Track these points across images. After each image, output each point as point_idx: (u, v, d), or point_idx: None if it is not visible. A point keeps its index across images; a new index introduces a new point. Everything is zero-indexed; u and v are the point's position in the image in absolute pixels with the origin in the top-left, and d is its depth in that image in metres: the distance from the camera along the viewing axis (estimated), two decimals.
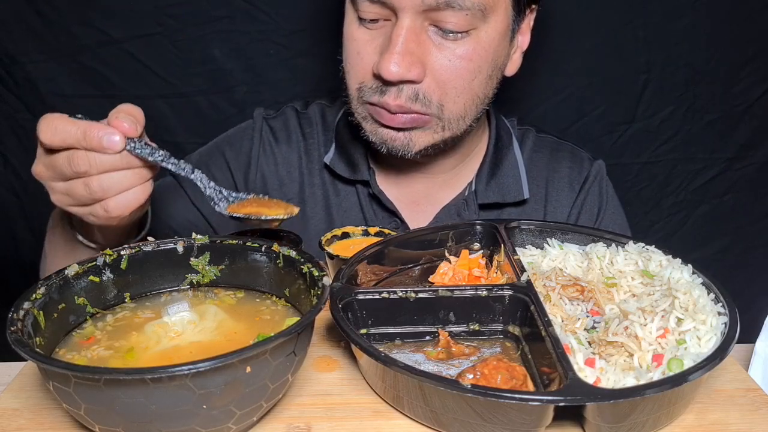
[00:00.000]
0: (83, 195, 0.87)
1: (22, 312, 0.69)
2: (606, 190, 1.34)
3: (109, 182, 0.86)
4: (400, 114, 1.10)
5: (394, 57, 1.04)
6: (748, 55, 1.57)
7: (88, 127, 0.85)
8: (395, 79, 1.05)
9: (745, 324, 0.81)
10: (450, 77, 1.08)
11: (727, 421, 0.74)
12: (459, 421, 0.68)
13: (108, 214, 0.88)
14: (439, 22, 1.05)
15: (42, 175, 0.91)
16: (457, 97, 1.10)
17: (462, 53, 1.07)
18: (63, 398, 0.64)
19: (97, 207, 0.88)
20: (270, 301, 0.83)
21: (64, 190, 0.89)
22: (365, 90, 1.11)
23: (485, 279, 0.94)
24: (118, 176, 0.87)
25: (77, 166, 0.85)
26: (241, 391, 0.64)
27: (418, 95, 1.08)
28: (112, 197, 0.87)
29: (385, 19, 1.07)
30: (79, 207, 0.90)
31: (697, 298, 0.82)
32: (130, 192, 0.88)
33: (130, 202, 0.88)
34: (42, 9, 1.45)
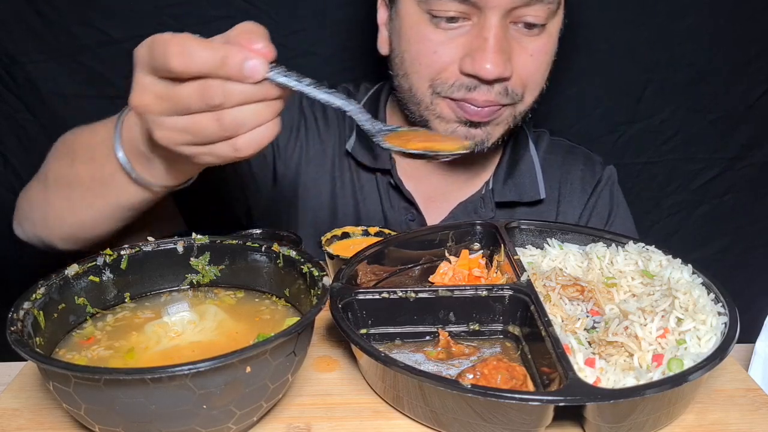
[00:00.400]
0: (212, 132, 0.74)
1: (22, 312, 0.69)
2: (616, 195, 1.35)
3: (243, 116, 0.74)
4: (487, 108, 1.11)
5: (490, 56, 1.05)
6: (749, 55, 1.57)
7: (228, 51, 0.73)
8: (493, 77, 1.07)
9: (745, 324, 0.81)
10: (532, 71, 1.12)
11: (727, 421, 0.74)
12: (459, 421, 0.68)
13: (236, 153, 0.76)
14: (521, 17, 1.07)
15: (150, 107, 0.77)
16: (534, 90, 1.15)
17: (540, 47, 1.11)
18: (63, 398, 0.64)
19: (224, 145, 0.76)
20: (270, 301, 0.83)
21: (183, 127, 0.75)
22: (444, 86, 1.11)
23: (485, 279, 0.94)
24: (252, 109, 0.74)
25: (211, 98, 0.72)
26: (241, 391, 0.64)
27: (507, 91, 1.11)
28: (243, 134, 0.75)
29: (465, 18, 1.08)
30: (196, 146, 0.77)
31: (697, 298, 0.82)
32: (262, 128, 0.75)
33: (262, 139, 0.76)
34: (42, 9, 1.45)
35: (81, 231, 1.00)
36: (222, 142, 0.75)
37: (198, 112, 0.74)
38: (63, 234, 1.02)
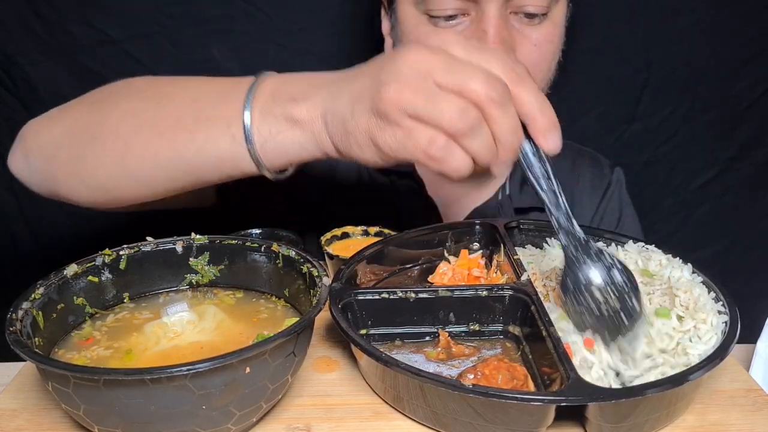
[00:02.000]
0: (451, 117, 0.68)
1: (21, 312, 0.69)
2: (625, 198, 1.35)
3: (482, 133, 0.70)
4: None
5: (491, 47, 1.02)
6: (748, 54, 1.56)
7: (544, 103, 0.73)
8: None
9: (746, 324, 0.81)
10: (537, 61, 1.09)
11: (728, 422, 0.74)
12: (460, 422, 0.68)
13: (441, 158, 0.70)
14: (521, 7, 1.05)
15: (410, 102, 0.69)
16: (541, 81, 1.12)
17: (544, 36, 1.09)
18: (62, 399, 0.64)
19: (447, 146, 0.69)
20: (269, 302, 0.83)
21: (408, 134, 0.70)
22: None
23: (485, 279, 0.94)
24: (489, 138, 0.71)
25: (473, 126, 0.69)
26: (241, 392, 0.64)
27: None
28: (460, 146, 0.70)
29: (463, 14, 1.07)
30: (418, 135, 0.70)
31: (697, 297, 0.82)
32: (469, 160, 0.71)
33: (459, 169, 0.71)
34: (41, 9, 1.45)
35: (119, 183, 0.91)
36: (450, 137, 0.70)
37: (441, 128, 0.69)
38: (93, 181, 0.92)
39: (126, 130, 0.88)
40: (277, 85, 0.82)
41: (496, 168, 0.73)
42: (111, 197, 0.94)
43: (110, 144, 0.89)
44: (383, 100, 0.70)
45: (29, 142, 1.00)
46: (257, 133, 0.80)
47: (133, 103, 0.91)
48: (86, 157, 0.91)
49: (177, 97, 0.88)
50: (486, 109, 0.69)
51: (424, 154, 0.70)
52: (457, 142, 0.70)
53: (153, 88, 0.92)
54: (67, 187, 0.95)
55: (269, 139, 0.80)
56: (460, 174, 0.71)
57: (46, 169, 0.97)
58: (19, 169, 1.02)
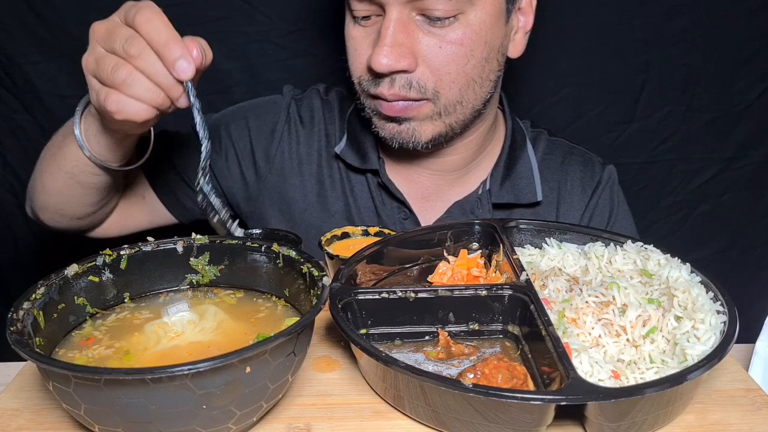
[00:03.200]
0: (105, 71, 0.86)
1: (21, 312, 0.69)
2: (617, 195, 1.35)
3: (135, 81, 0.86)
4: (395, 102, 1.12)
5: (383, 50, 1.06)
6: (746, 54, 1.57)
7: (178, 41, 0.86)
8: (385, 70, 1.08)
9: (745, 324, 0.81)
10: (443, 63, 1.10)
11: (727, 422, 0.74)
12: (460, 421, 0.68)
13: (110, 106, 0.87)
14: (426, 10, 1.06)
15: (96, 32, 0.91)
16: (452, 83, 1.11)
17: (452, 38, 1.09)
18: (63, 398, 0.64)
19: (111, 93, 0.86)
20: (270, 301, 0.83)
21: (98, 57, 0.88)
22: (364, 83, 1.14)
23: (484, 279, 0.94)
24: (146, 83, 0.86)
25: (129, 46, 0.85)
26: (241, 392, 0.64)
27: (411, 83, 1.10)
28: (126, 95, 0.86)
29: (377, 15, 1.10)
30: (95, 81, 0.89)
31: (696, 297, 0.82)
32: (141, 104, 0.87)
33: (134, 112, 0.87)
34: (41, 10, 1.45)
35: (54, 204, 1.15)
36: (111, 89, 0.86)
37: (114, 52, 0.86)
38: (47, 208, 1.17)
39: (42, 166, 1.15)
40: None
41: (176, 102, 0.90)
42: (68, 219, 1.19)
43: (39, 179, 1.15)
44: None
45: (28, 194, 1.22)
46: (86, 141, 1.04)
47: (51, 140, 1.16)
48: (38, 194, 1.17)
49: (57, 134, 1.14)
50: (132, 62, 0.86)
51: (103, 109, 0.89)
52: (122, 92, 0.86)
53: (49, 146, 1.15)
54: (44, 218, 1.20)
55: (91, 139, 1.03)
56: (143, 117, 0.87)
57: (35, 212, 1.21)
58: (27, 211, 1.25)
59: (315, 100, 1.34)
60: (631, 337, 0.78)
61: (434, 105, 1.13)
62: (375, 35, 1.10)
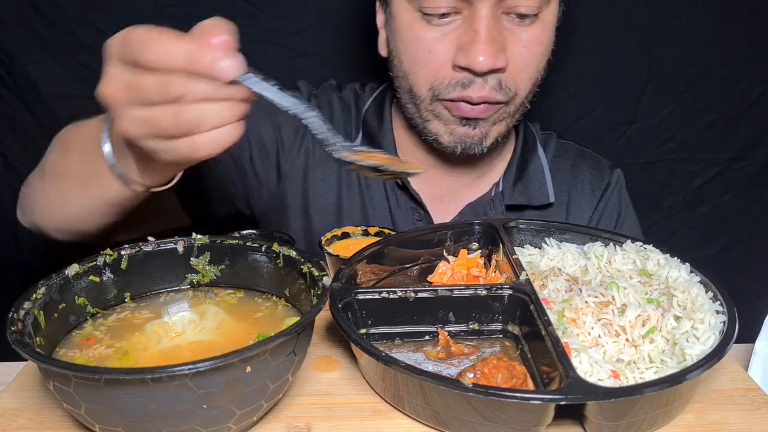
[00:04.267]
0: (169, 126, 0.71)
1: (22, 312, 0.69)
2: (624, 199, 1.35)
3: (203, 114, 0.71)
4: (482, 104, 1.10)
5: (481, 47, 1.04)
6: (748, 55, 1.57)
7: (199, 47, 0.73)
8: (486, 69, 1.06)
9: (745, 324, 0.81)
10: (526, 63, 1.10)
11: (726, 421, 0.74)
12: (460, 420, 0.68)
13: (194, 153, 0.73)
14: (513, 8, 1.06)
15: (115, 97, 0.75)
16: (528, 83, 1.12)
17: (534, 38, 1.09)
18: (63, 398, 0.64)
19: (183, 143, 0.73)
20: (270, 301, 0.83)
21: (143, 118, 0.73)
22: (441, 87, 1.11)
23: (484, 279, 0.94)
24: (216, 108, 0.72)
25: (170, 91, 0.70)
26: (241, 391, 0.64)
27: (501, 84, 1.09)
28: (204, 132, 0.72)
29: (456, 13, 1.07)
30: (157, 140, 0.74)
31: (695, 297, 0.82)
32: (224, 129, 0.73)
33: (224, 141, 0.73)
34: (42, 9, 1.45)
35: (70, 223, 1.00)
36: (182, 138, 0.72)
37: (159, 104, 0.71)
38: (54, 224, 1.03)
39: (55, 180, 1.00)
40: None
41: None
42: (76, 235, 1.03)
43: (52, 194, 1.01)
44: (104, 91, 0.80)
45: (20, 201, 1.12)
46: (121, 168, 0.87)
47: (54, 155, 1.02)
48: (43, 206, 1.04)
49: (72, 148, 0.98)
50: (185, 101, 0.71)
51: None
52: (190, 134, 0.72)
53: (64, 138, 1.02)
54: (48, 231, 1.05)
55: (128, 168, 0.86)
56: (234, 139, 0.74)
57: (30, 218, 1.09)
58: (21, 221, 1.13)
59: (332, 97, 1.32)
60: (631, 337, 0.79)
61: (507, 106, 1.12)
62: (459, 34, 1.07)
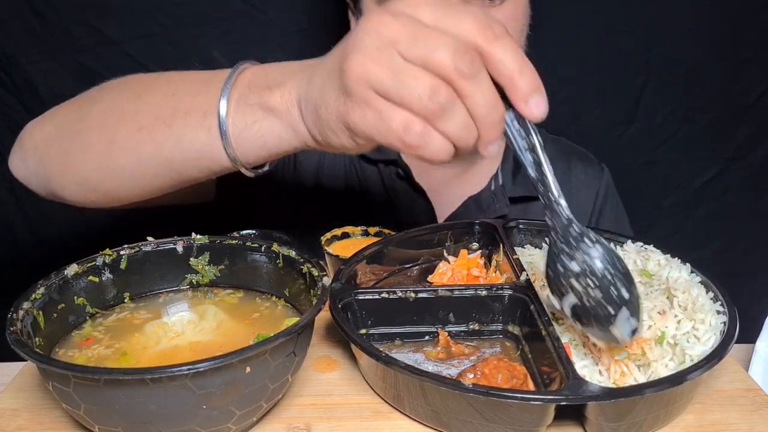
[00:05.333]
0: (414, 92, 0.62)
1: (21, 312, 0.69)
2: (615, 193, 1.36)
3: (457, 112, 0.63)
4: None
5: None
6: (747, 55, 1.57)
7: (528, 66, 0.64)
8: None
9: (746, 324, 0.81)
10: None
11: (727, 422, 0.74)
12: (460, 421, 0.68)
13: (419, 143, 0.64)
14: None
15: (375, 76, 0.63)
16: None
17: (508, 14, 1.08)
18: (62, 398, 0.64)
19: (414, 128, 0.63)
20: (270, 302, 0.83)
21: (386, 69, 0.63)
22: None
23: (484, 279, 0.94)
24: (466, 119, 0.64)
25: (463, 61, 0.61)
26: (241, 392, 0.64)
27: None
28: (435, 128, 0.64)
29: None
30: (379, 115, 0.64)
31: (696, 297, 0.82)
32: (448, 144, 0.65)
33: (437, 154, 0.65)
34: (40, 9, 1.45)
35: (104, 178, 0.89)
36: (416, 118, 0.63)
37: (412, 110, 0.63)
38: (80, 176, 0.91)
39: (109, 123, 0.87)
40: (255, 74, 0.80)
41: (483, 148, 0.66)
42: (101, 195, 0.93)
43: (95, 138, 0.87)
44: (347, 75, 0.64)
45: (25, 142, 0.99)
46: (232, 124, 0.78)
47: (117, 96, 0.90)
48: (73, 151, 0.90)
49: (158, 89, 0.86)
50: (457, 84, 0.62)
51: (400, 141, 0.65)
52: (431, 124, 0.64)
53: (138, 82, 0.90)
54: (60, 186, 0.94)
55: (245, 130, 0.77)
56: (441, 159, 0.66)
57: (40, 168, 0.96)
58: (18, 171, 1.01)
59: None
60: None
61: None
62: None
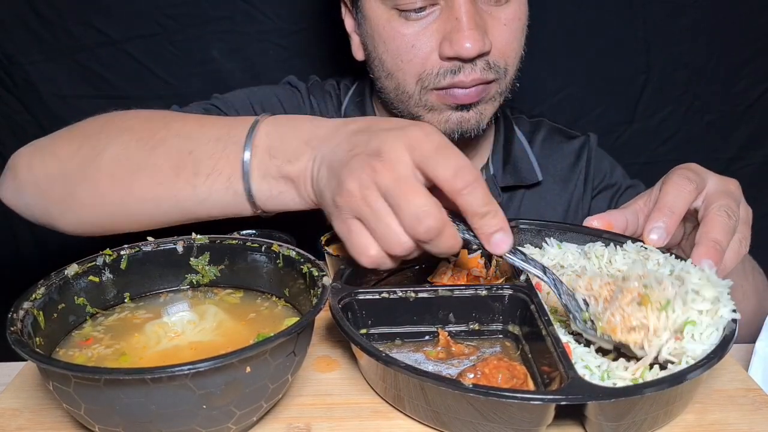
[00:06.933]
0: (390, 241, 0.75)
1: (21, 312, 0.69)
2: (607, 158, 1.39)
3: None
4: (473, 87, 1.10)
5: (467, 34, 1.04)
6: (747, 55, 1.57)
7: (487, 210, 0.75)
8: (474, 54, 1.06)
9: None
10: (509, 40, 1.11)
11: (727, 421, 0.74)
12: (460, 420, 0.68)
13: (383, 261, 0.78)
14: None
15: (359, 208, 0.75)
16: (515, 59, 1.14)
17: (512, 14, 1.10)
18: (63, 398, 0.64)
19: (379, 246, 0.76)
20: (270, 301, 0.83)
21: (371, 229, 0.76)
22: (430, 78, 1.10)
23: (484, 279, 0.94)
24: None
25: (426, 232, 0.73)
26: (241, 391, 0.64)
27: (490, 64, 1.09)
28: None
29: (432, 5, 1.08)
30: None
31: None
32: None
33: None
34: (41, 9, 1.45)
35: (114, 222, 0.94)
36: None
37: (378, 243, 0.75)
38: (86, 218, 0.95)
39: (123, 175, 0.90)
40: (273, 140, 0.85)
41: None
42: (103, 230, 0.96)
43: (106, 187, 0.90)
44: (339, 194, 0.75)
45: (22, 175, 0.98)
46: (258, 191, 0.86)
47: (126, 143, 0.91)
48: (83, 197, 0.92)
49: (170, 143, 0.90)
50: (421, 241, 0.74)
51: (356, 256, 0.77)
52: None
53: (144, 128, 0.93)
54: (64, 222, 0.97)
55: (270, 198, 0.87)
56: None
57: (40, 203, 0.98)
58: (9, 200, 1.02)
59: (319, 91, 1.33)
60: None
61: (499, 84, 1.13)
62: (440, 24, 1.08)
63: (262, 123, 0.87)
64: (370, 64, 1.20)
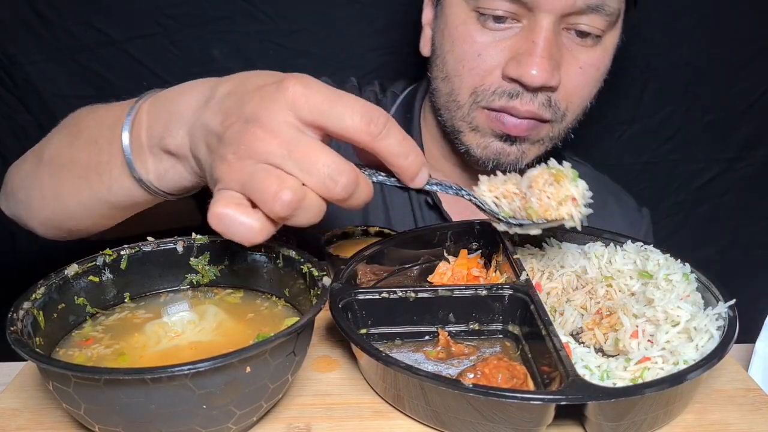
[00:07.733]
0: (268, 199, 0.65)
1: (21, 312, 0.69)
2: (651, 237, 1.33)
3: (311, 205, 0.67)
4: (526, 120, 1.04)
5: (537, 60, 0.99)
6: (748, 55, 1.57)
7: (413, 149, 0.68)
8: (537, 84, 1.00)
9: (745, 324, 0.81)
10: (579, 85, 1.05)
11: (726, 421, 0.74)
12: (460, 420, 0.68)
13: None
14: (577, 25, 1.01)
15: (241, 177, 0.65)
16: (578, 107, 1.07)
17: (592, 60, 1.04)
18: (63, 398, 0.64)
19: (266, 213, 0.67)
20: (270, 301, 0.83)
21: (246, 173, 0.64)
22: (485, 94, 1.06)
23: (484, 279, 0.94)
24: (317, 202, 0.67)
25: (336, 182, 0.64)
26: (241, 391, 0.64)
27: (550, 102, 1.04)
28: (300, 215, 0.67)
29: (514, 19, 1.02)
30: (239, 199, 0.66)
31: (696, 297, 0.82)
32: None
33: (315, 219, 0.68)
34: (41, 9, 1.45)
35: (61, 220, 0.93)
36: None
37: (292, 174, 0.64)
38: (42, 218, 0.95)
39: (55, 172, 0.90)
40: (150, 117, 0.80)
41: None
42: (66, 232, 0.96)
43: (47, 186, 0.90)
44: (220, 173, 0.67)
45: (7, 186, 1.01)
46: (143, 171, 0.81)
47: (61, 141, 0.92)
48: (33, 197, 0.93)
49: (82, 135, 0.88)
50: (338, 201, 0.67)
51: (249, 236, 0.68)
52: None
53: (75, 124, 0.92)
54: (33, 224, 0.97)
55: (159, 177, 0.81)
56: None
57: (16, 211, 1.00)
58: (6, 211, 1.04)
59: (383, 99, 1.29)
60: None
61: (553, 128, 1.07)
62: (513, 42, 1.02)
63: (144, 102, 0.82)
64: (433, 61, 1.15)
